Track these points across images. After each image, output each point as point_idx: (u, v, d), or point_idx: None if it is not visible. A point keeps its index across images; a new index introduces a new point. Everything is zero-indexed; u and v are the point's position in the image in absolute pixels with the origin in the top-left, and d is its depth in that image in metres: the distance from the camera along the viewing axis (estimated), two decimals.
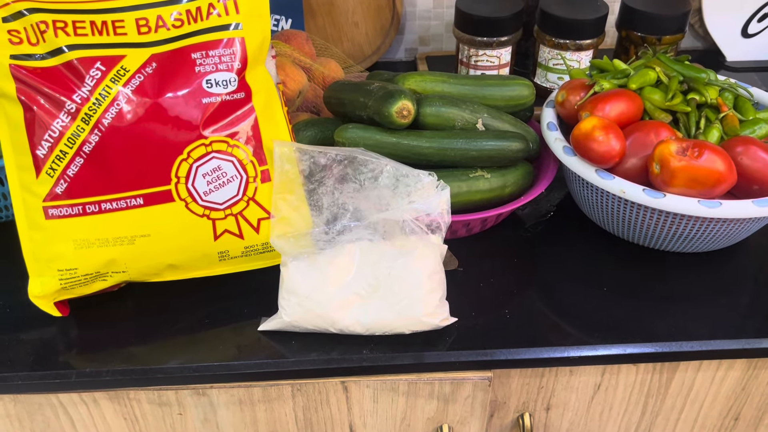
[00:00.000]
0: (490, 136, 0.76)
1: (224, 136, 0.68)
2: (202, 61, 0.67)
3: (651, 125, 0.76)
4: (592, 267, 0.79)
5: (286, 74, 0.89)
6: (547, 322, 0.72)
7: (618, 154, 0.72)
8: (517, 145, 0.77)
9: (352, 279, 0.69)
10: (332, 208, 0.72)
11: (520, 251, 0.81)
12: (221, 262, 0.72)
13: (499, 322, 0.72)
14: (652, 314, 0.73)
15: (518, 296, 0.75)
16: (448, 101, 0.78)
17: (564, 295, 0.75)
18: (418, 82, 0.80)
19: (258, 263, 0.74)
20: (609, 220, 0.79)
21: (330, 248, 0.71)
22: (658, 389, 0.75)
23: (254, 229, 0.71)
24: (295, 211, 0.72)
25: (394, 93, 0.74)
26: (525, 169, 0.80)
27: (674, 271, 0.78)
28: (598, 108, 0.77)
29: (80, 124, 0.64)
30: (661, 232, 0.75)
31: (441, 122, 0.77)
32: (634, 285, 0.76)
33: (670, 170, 0.69)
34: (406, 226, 0.70)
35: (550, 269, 0.78)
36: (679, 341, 0.70)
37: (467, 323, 0.71)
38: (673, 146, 0.70)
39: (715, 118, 0.78)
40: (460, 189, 0.76)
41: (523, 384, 0.73)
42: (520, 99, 0.83)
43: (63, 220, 0.66)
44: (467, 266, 0.78)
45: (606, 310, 0.73)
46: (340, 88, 0.82)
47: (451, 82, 0.81)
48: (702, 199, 0.69)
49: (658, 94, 0.79)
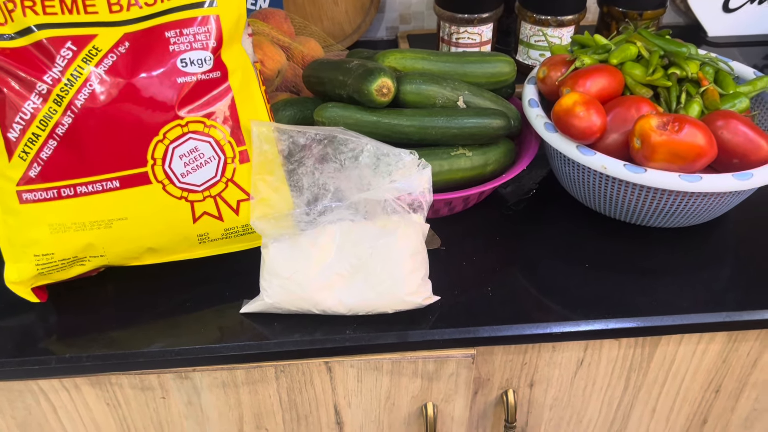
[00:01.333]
0: (471, 114, 0.76)
1: (200, 116, 0.67)
2: (176, 39, 0.65)
3: (632, 100, 0.76)
4: (574, 243, 0.79)
5: (264, 53, 0.87)
6: (530, 298, 0.72)
7: (599, 130, 0.72)
8: (498, 122, 0.76)
9: (333, 260, 0.69)
10: (313, 189, 0.71)
11: (503, 229, 0.81)
12: (201, 244, 0.72)
13: (482, 299, 0.71)
14: (634, 289, 0.73)
15: (501, 274, 0.75)
16: (428, 78, 0.77)
17: (546, 271, 0.75)
18: (398, 60, 0.79)
19: (239, 245, 0.74)
20: (590, 196, 0.79)
21: (311, 229, 0.71)
22: (641, 363, 0.76)
23: (234, 210, 0.70)
24: (275, 192, 0.71)
25: (373, 71, 0.73)
26: (506, 147, 0.80)
27: (656, 246, 0.78)
28: (578, 84, 0.77)
29: (52, 106, 0.63)
30: (642, 206, 0.75)
31: (421, 100, 0.77)
32: (615, 260, 0.77)
33: (651, 145, 0.69)
34: (388, 205, 0.69)
35: (533, 246, 0.78)
36: (661, 315, 0.70)
37: (450, 301, 0.71)
38: (653, 121, 0.70)
39: (696, 93, 0.77)
40: (442, 167, 0.75)
41: (507, 361, 0.73)
42: (501, 76, 0.82)
43: (38, 204, 0.65)
44: (449, 245, 0.78)
45: (588, 286, 0.73)
46: (319, 67, 0.81)
47: (432, 60, 0.80)
48: (683, 174, 0.69)
49: (639, 69, 0.79)
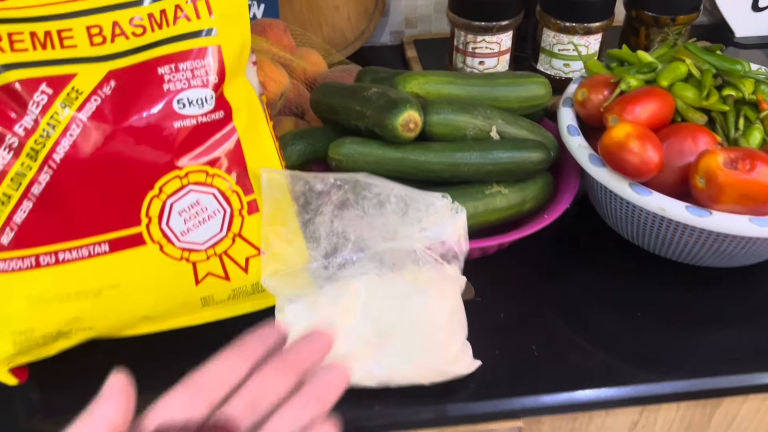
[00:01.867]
0: (508, 147, 0.67)
1: (202, 164, 0.57)
2: (171, 76, 0.55)
3: (687, 129, 0.67)
4: (623, 287, 0.70)
5: (265, 75, 0.77)
6: (579, 355, 0.64)
7: (656, 167, 0.64)
8: (537, 155, 0.67)
9: (359, 323, 0.60)
10: (331, 238, 0.62)
11: (541, 271, 0.72)
12: (205, 308, 0.62)
13: (527, 360, 0.63)
14: (693, 341, 0.65)
15: (544, 325, 0.66)
16: (457, 107, 0.68)
17: (595, 321, 0.67)
18: (421, 85, 0.70)
19: (248, 306, 0.64)
20: (641, 236, 0.71)
21: (331, 285, 0.62)
22: (700, 421, 0.68)
23: (242, 269, 0.61)
24: (288, 244, 0.62)
25: (398, 102, 0.64)
26: (545, 181, 0.71)
27: (714, 288, 0.70)
28: (627, 110, 0.68)
29: (26, 161, 0.53)
30: (702, 248, 0.67)
31: (450, 132, 0.67)
32: (671, 306, 0.69)
33: (718, 185, 0.61)
34: (418, 256, 0.61)
35: (577, 290, 0.70)
36: (727, 375, 0.62)
37: (491, 365, 0.63)
38: (720, 158, 0.61)
39: (756, 118, 0.69)
40: (476, 209, 0.66)
41: (555, 428, 0.65)
42: (535, 100, 0.73)
43: (13, 275, 0.55)
44: (483, 293, 0.69)
45: (643, 338, 0.65)
46: (330, 93, 0.71)
47: (459, 83, 0.71)
48: (753, 217, 0.61)
49: (691, 92, 0.70)
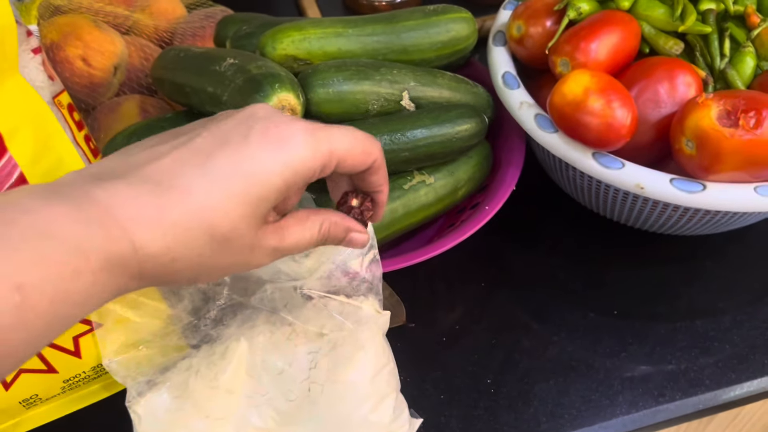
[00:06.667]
0: (426, 122, 0.49)
1: None
2: None
3: (660, 66, 0.50)
4: (593, 273, 0.56)
5: (85, 45, 0.56)
6: (547, 387, 0.49)
7: (628, 132, 0.47)
8: (466, 127, 0.49)
9: (249, 406, 0.43)
10: (198, 287, 0.44)
11: (486, 269, 0.56)
12: (32, 409, 0.44)
13: (483, 401, 0.48)
14: (691, 348, 0.51)
15: (498, 349, 0.51)
16: (351, 72, 0.48)
17: (560, 333, 0.52)
18: (298, 43, 0.50)
19: (98, 393, 0.47)
20: (610, 210, 0.55)
21: (207, 349, 0.45)
22: (696, 430, 0.56)
23: (71, 353, 0.43)
24: (133, 308, 0.44)
25: (261, 81, 0.44)
26: (481, 154, 0.54)
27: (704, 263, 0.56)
28: (580, 49, 0.50)
29: None
30: (689, 222, 0.52)
31: (345, 109, 0.49)
32: (655, 294, 0.54)
33: (714, 151, 0.44)
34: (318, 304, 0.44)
35: (533, 292, 0.55)
36: (732, 386, 0.49)
37: (436, 416, 0.48)
38: (713, 111, 0.45)
39: (746, 38, 0.52)
40: (395, 213, 0.49)
41: None
42: (456, 44, 0.54)
43: None
44: (416, 314, 0.53)
45: (630, 353, 0.51)
46: (174, 66, 0.51)
47: (350, 34, 0.51)
48: (761, 185, 0.46)
49: (661, 10, 0.52)
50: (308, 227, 0.33)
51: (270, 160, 0.29)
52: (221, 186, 0.28)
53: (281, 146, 0.29)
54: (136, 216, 0.26)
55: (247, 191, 0.28)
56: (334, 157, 0.31)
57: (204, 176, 0.28)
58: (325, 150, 0.30)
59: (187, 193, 0.28)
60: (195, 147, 0.29)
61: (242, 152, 0.29)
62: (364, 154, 0.32)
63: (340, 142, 0.31)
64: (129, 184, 0.27)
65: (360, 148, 0.32)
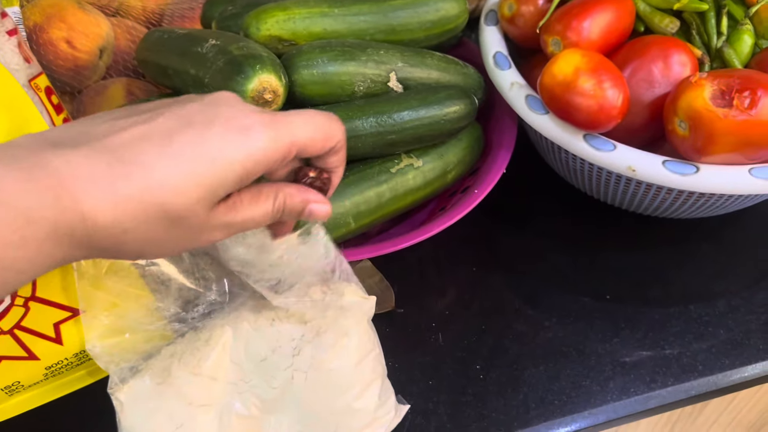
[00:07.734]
0: (414, 104, 0.47)
1: None
2: None
3: (655, 46, 0.48)
4: (583, 255, 0.55)
5: (70, 27, 0.55)
6: (537, 373, 0.48)
7: (619, 113, 0.45)
8: (456, 108, 0.48)
9: (234, 393, 0.43)
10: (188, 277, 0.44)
11: (477, 253, 0.56)
12: (14, 396, 0.44)
13: (471, 387, 0.48)
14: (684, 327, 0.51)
15: (488, 334, 0.51)
16: (337, 52, 0.47)
17: (552, 317, 0.51)
18: (283, 23, 0.49)
19: (82, 379, 0.46)
20: (603, 193, 0.54)
21: (191, 336, 0.44)
22: (690, 415, 0.55)
23: (52, 340, 0.42)
24: (123, 297, 0.43)
25: (243, 63, 0.43)
26: (472, 136, 0.52)
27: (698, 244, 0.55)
28: (572, 27, 0.49)
29: None
30: (683, 205, 0.51)
31: (330, 91, 0.48)
32: (647, 280, 0.53)
33: (708, 132, 0.43)
34: (303, 291, 0.43)
35: (525, 276, 0.54)
36: (725, 371, 0.48)
37: (424, 402, 0.47)
38: (707, 91, 0.43)
39: (744, 16, 0.51)
40: (381, 198, 0.48)
41: None
42: (446, 23, 0.53)
43: None
44: (406, 299, 0.52)
45: (621, 338, 0.50)
46: (157, 48, 0.50)
47: (337, 13, 0.50)
48: (756, 166, 0.44)
49: None
50: (262, 201, 0.32)
51: (232, 148, 0.28)
52: (183, 168, 0.27)
53: (244, 135, 0.29)
54: (89, 187, 0.26)
55: (206, 175, 0.28)
56: (294, 146, 0.31)
57: (166, 156, 0.27)
58: (287, 141, 0.30)
59: (149, 169, 0.27)
60: (158, 126, 0.28)
61: (205, 137, 0.28)
62: (326, 140, 0.32)
63: (302, 131, 0.31)
64: (86, 156, 0.27)
65: (321, 134, 0.32)
